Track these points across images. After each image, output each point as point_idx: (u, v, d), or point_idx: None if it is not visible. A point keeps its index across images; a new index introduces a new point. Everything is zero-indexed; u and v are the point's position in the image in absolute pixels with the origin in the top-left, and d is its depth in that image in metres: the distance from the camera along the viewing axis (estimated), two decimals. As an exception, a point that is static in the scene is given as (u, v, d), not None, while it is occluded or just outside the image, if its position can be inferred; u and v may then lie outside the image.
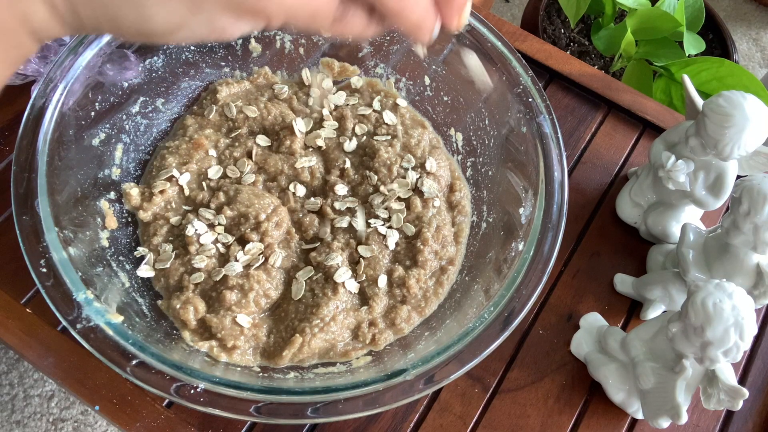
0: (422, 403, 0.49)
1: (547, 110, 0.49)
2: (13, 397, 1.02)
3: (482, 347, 0.40)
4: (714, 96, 0.46)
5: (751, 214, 0.42)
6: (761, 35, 1.62)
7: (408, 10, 0.26)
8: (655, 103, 0.65)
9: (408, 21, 0.27)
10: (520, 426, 0.49)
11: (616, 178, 0.62)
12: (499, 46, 0.52)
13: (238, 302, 0.46)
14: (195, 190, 0.51)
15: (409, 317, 0.48)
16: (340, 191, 0.52)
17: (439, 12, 0.28)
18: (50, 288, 0.39)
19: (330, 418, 0.38)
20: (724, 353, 0.39)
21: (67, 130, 0.45)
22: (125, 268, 0.46)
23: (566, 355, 0.52)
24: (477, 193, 0.55)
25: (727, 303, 0.39)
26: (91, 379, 0.47)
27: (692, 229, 0.49)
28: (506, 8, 1.58)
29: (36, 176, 0.41)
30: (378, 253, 0.50)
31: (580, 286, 0.56)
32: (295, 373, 0.44)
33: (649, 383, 0.45)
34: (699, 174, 0.50)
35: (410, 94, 0.59)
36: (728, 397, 0.42)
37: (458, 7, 0.28)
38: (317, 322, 0.45)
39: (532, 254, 0.44)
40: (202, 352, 0.44)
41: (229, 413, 0.37)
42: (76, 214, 0.44)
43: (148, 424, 0.46)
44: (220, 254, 0.48)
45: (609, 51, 0.98)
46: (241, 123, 0.54)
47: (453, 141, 0.57)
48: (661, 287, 0.52)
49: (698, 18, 0.94)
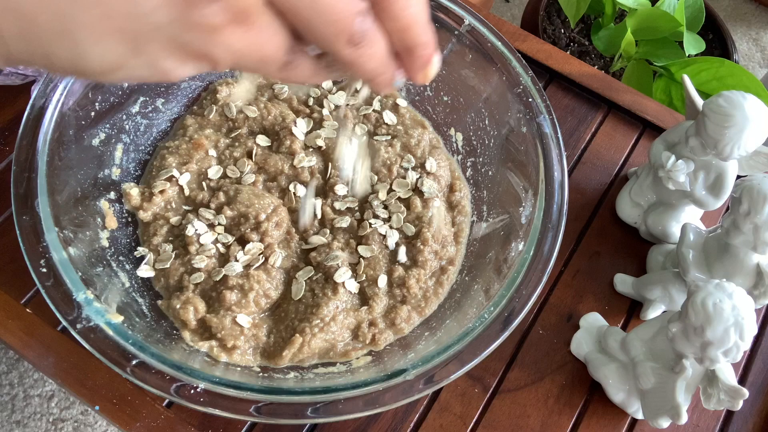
0: (422, 403, 0.49)
1: (547, 110, 0.49)
2: (13, 397, 1.02)
3: (482, 347, 0.40)
4: (714, 96, 0.46)
5: (751, 214, 0.42)
6: (761, 35, 1.62)
7: (362, 62, 0.24)
8: (655, 103, 0.65)
9: (362, 72, 0.25)
10: (520, 426, 0.49)
11: (616, 178, 0.62)
12: (499, 46, 0.52)
13: (238, 302, 0.46)
14: (195, 190, 0.51)
15: (409, 317, 0.48)
16: (340, 191, 0.52)
17: (401, 65, 0.26)
18: (50, 288, 0.39)
19: (330, 418, 0.38)
20: (724, 353, 0.39)
21: (67, 130, 0.45)
22: (125, 268, 0.46)
23: (566, 355, 0.52)
24: (477, 193, 0.55)
25: (727, 303, 0.39)
26: (91, 379, 0.47)
27: (692, 229, 0.49)
28: (506, 8, 1.58)
29: (36, 176, 0.41)
30: (378, 253, 0.50)
31: (580, 286, 0.56)
32: (295, 373, 0.44)
33: (649, 383, 0.45)
34: (699, 174, 0.50)
35: (410, 94, 0.59)
36: (728, 397, 0.42)
37: (423, 63, 0.26)
38: (317, 322, 0.45)
39: (532, 254, 0.44)
40: (202, 352, 0.44)
41: (229, 413, 0.37)
42: (76, 214, 0.44)
43: (148, 424, 0.46)
44: (220, 254, 0.48)
45: (609, 51, 0.98)
46: (241, 123, 0.54)
47: (453, 141, 0.57)
48: (661, 287, 0.52)
49: (698, 18, 0.94)
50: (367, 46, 0.24)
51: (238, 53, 0.23)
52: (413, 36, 0.25)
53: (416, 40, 0.25)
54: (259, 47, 0.23)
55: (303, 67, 0.25)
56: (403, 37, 0.25)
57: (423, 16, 0.25)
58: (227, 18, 0.21)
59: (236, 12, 0.21)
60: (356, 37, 0.23)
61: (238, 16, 0.22)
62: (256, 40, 0.23)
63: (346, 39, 0.23)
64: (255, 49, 0.23)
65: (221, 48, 0.22)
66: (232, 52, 0.23)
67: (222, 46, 0.22)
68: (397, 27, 0.24)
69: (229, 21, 0.21)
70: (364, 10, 0.23)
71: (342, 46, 0.23)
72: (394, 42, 0.25)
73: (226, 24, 0.22)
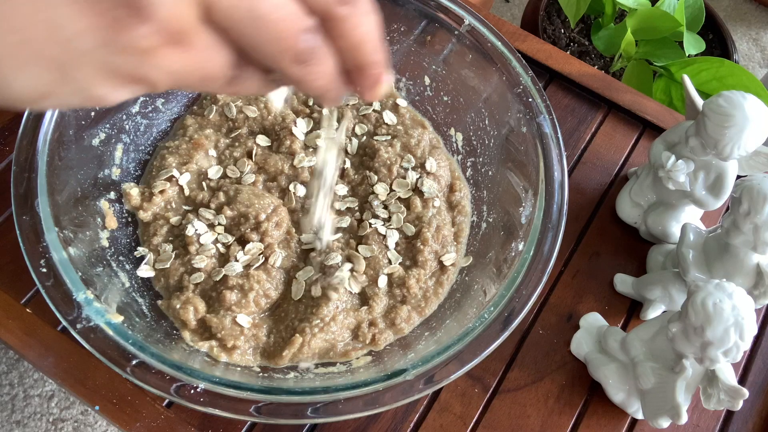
0: (422, 403, 0.49)
1: (547, 110, 0.49)
2: (13, 397, 1.02)
3: (482, 347, 0.40)
4: (714, 96, 0.46)
5: (751, 214, 0.42)
6: (761, 35, 1.62)
7: (310, 79, 0.23)
8: (655, 103, 0.65)
9: (310, 90, 0.24)
10: (520, 426, 0.49)
11: (616, 178, 0.62)
12: (499, 46, 0.52)
13: (238, 302, 0.46)
14: (195, 190, 0.51)
15: (409, 317, 0.48)
16: (340, 191, 0.52)
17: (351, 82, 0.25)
18: (50, 288, 0.39)
19: (330, 418, 0.38)
20: (724, 353, 0.39)
21: (67, 130, 0.45)
22: (125, 268, 0.46)
23: (566, 355, 0.52)
24: (477, 193, 0.55)
25: (727, 303, 0.39)
26: (91, 379, 0.47)
27: (692, 229, 0.49)
28: (506, 8, 1.58)
29: (36, 176, 0.41)
30: (378, 253, 0.50)
31: (580, 286, 0.56)
32: (295, 373, 0.44)
33: (649, 383, 0.45)
34: (699, 174, 0.50)
35: (410, 94, 0.59)
36: (728, 397, 0.42)
37: (373, 82, 0.25)
38: (317, 322, 0.45)
39: (532, 254, 0.44)
40: (202, 352, 0.44)
41: (229, 413, 0.37)
42: (76, 214, 0.44)
43: (148, 424, 0.46)
44: (220, 254, 0.48)
45: (609, 51, 0.98)
46: (241, 123, 0.54)
47: (453, 141, 0.57)
48: (661, 287, 0.52)
49: (698, 18, 0.94)
50: (314, 65, 0.23)
51: (176, 74, 0.21)
52: (364, 55, 0.24)
53: (367, 59, 0.24)
54: (199, 67, 0.22)
55: (251, 81, 0.24)
56: (354, 56, 0.24)
57: (374, 35, 0.24)
58: (161, 40, 0.20)
59: (170, 33, 0.20)
60: (302, 55, 0.22)
61: (172, 37, 0.20)
62: (195, 60, 0.21)
63: (291, 57, 0.22)
64: (195, 69, 0.22)
65: (157, 70, 0.21)
66: (170, 74, 0.21)
67: (158, 68, 0.21)
68: (348, 46, 0.24)
69: (164, 43, 0.20)
70: (310, 28, 0.22)
71: (288, 64, 0.23)
72: (345, 60, 0.24)
73: (161, 46, 0.20)
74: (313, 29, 0.22)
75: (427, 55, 0.57)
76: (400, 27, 0.56)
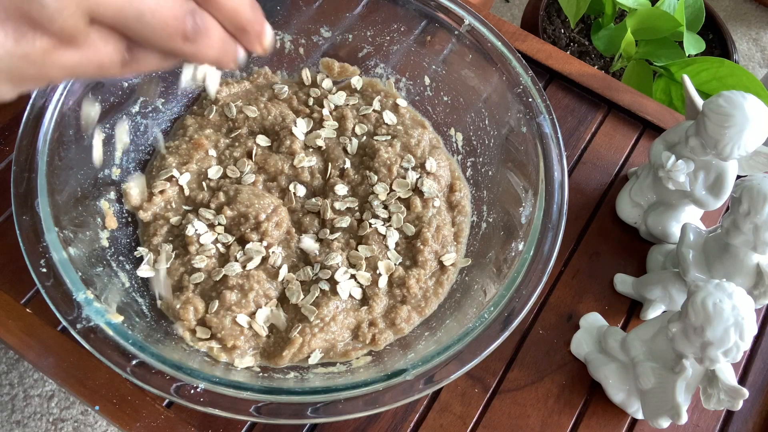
0: (422, 403, 0.49)
1: (547, 110, 0.49)
2: (13, 397, 1.02)
3: (482, 347, 0.40)
4: (714, 96, 0.46)
5: (751, 214, 0.42)
6: (761, 35, 1.62)
7: (204, 52, 0.26)
8: (655, 103, 0.65)
9: (206, 60, 0.27)
10: (520, 426, 0.49)
11: (616, 178, 0.62)
12: (499, 46, 0.52)
13: (238, 302, 0.46)
14: (195, 190, 0.51)
15: (409, 317, 0.48)
16: (340, 191, 0.52)
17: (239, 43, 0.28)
18: (50, 288, 0.39)
19: (330, 418, 0.38)
20: (724, 353, 0.39)
21: (67, 130, 0.45)
22: (125, 268, 0.46)
23: (566, 355, 0.52)
24: (477, 193, 0.55)
25: (727, 303, 0.39)
26: (91, 379, 0.47)
27: (692, 229, 0.49)
28: (506, 8, 1.58)
29: (36, 176, 0.41)
30: (378, 253, 0.50)
31: (580, 286, 0.56)
32: (295, 373, 0.44)
33: (649, 383, 0.45)
34: (699, 174, 0.50)
35: (410, 94, 0.59)
36: (728, 397, 0.42)
37: (255, 35, 0.28)
38: (317, 322, 0.45)
39: (532, 254, 0.44)
40: (202, 352, 0.44)
41: (229, 413, 0.37)
42: (76, 214, 0.44)
43: (148, 424, 0.46)
44: (220, 254, 0.48)
45: (609, 51, 0.98)
46: (241, 123, 0.54)
47: (453, 141, 0.57)
48: (661, 287, 0.52)
49: (698, 18, 0.94)
50: (203, 38, 0.26)
51: (72, 69, 0.24)
52: (241, 18, 0.27)
53: (244, 19, 0.27)
54: (92, 60, 0.24)
55: (148, 60, 0.27)
56: (233, 22, 0.27)
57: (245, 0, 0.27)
58: (55, 43, 0.23)
59: (62, 37, 0.23)
60: (190, 34, 0.25)
61: (64, 39, 0.23)
62: (87, 55, 0.24)
63: (180, 38, 0.25)
64: (89, 62, 0.24)
65: (55, 68, 0.24)
66: (67, 69, 0.24)
67: (55, 67, 0.24)
68: (226, 15, 0.27)
69: (58, 45, 0.23)
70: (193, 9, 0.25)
71: (179, 45, 0.25)
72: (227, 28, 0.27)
73: (55, 48, 0.23)
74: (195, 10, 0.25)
75: (427, 55, 0.57)
76: (400, 27, 0.56)
